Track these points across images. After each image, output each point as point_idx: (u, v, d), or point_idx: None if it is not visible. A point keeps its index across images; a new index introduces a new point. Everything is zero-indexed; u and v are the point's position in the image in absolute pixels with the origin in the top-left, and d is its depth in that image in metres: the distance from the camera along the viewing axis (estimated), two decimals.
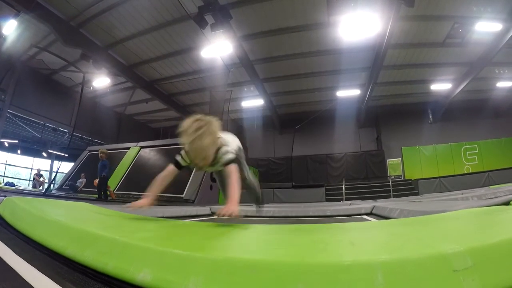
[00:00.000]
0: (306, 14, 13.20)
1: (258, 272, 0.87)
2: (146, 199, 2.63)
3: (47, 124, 19.41)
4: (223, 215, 2.24)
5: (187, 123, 2.36)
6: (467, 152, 21.13)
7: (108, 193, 11.16)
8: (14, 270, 1.25)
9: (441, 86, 19.26)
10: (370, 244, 1.28)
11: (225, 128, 11.86)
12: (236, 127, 22.93)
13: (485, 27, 13.39)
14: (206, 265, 0.95)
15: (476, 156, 20.91)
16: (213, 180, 12.26)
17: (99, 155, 10.76)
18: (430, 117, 22.46)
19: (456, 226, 1.63)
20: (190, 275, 0.93)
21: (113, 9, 12.77)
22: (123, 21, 13.50)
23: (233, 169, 2.58)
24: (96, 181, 10.67)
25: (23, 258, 1.39)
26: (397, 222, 2.22)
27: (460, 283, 0.78)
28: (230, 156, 2.62)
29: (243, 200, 2.55)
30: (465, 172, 19.78)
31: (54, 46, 14.45)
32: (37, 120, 18.65)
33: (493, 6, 12.39)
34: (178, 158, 2.75)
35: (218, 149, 2.55)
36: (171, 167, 2.78)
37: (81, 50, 14.35)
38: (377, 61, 15.66)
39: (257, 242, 1.49)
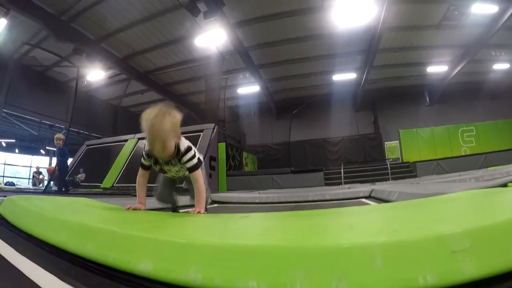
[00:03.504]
0: None
1: (257, 257, 0.88)
2: (140, 204, 2.66)
3: (43, 121, 19.32)
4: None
5: (148, 111, 2.39)
6: (465, 134, 21.23)
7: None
8: (17, 269, 1.26)
9: (437, 68, 19.26)
10: (368, 227, 1.29)
11: (222, 116, 11.79)
12: (233, 114, 22.89)
13: (481, 9, 13.33)
14: (205, 252, 0.95)
15: (473, 138, 21.02)
16: (212, 168, 12.29)
17: (55, 142, 9.97)
18: (427, 99, 22.50)
19: (454, 208, 1.63)
20: (190, 263, 0.94)
21: (104, 1, 12.64)
22: (114, 13, 13.38)
23: (199, 176, 2.56)
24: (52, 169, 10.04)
25: (25, 256, 1.40)
26: (396, 205, 2.23)
27: (458, 264, 0.78)
28: (195, 161, 2.55)
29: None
30: (463, 154, 19.86)
31: (47, 42, 14.32)
32: (33, 118, 18.55)
33: None
34: (142, 159, 2.73)
35: (179, 149, 2.48)
36: (141, 171, 2.80)
37: (74, 44, 14.22)
38: (373, 44, 15.60)
39: (256, 228, 1.50)
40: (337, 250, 0.83)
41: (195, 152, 2.60)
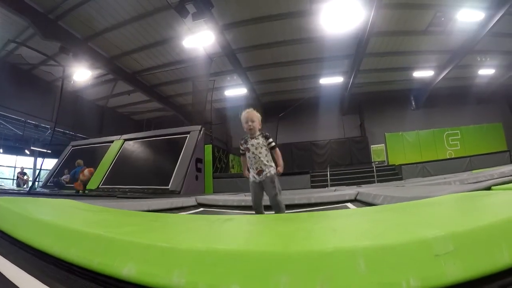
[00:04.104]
0: (288, 2, 13.14)
1: (241, 262, 0.88)
2: (247, 173, 4.17)
3: (28, 121, 19.05)
4: (279, 172, 3.96)
5: (246, 110, 4.13)
6: (450, 138, 21.51)
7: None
8: (0, 273, 1.24)
9: (423, 73, 19.46)
10: (352, 231, 1.29)
11: (209, 118, 11.79)
12: (220, 116, 22.83)
13: (468, 16, 13.53)
14: (189, 257, 0.95)
15: (458, 142, 21.30)
16: (198, 170, 12.25)
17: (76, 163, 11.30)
18: (413, 103, 22.73)
19: (438, 212, 1.65)
20: (174, 268, 0.94)
21: (92, 0, 12.54)
22: (102, 12, 13.25)
23: (278, 150, 4.04)
24: None
25: (8, 260, 1.38)
26: (380, 208, 2.24)
27: (442, 268, 0.79)
28: (274, 143, 4.04)
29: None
30: (448, 157, 20.10)
31: (33, 40, 14.13)
32: (17, 117, 18.26)
33: None
34: (240, 149, 4.11)
35: (263, 133, 4.04)
36: (242, 158, 4.20)
37: (61, 43, 14.04)
38: (360, 49, 15.72)
39: (240, 232, 1.50)
40: (320, 254, 0.84)
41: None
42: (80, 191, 10.92)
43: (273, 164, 3.99)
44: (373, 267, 0.79)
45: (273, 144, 4.02)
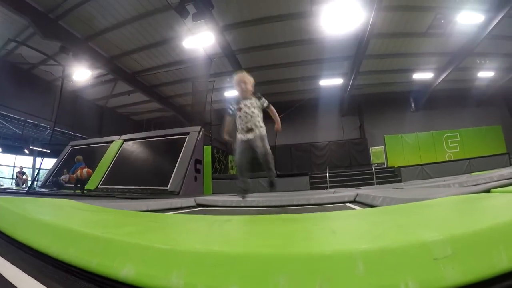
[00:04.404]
0: (288, 3, 13.16)
1: (240, 264, 0.88)
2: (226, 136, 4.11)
3: (27, 120, 19.05)
4: (278, 130, 4.10)
5: (239, 73, 4.16)
6: (449, 140, 21.54)
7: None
8: None
9: (423, 75, 19.49)
10: (351, 233, 1.29)
11: (208, 119, 11.83)
12: (219, 117, 22.82)
13: (467, 18, 13.56)
14: (188, 258, 0.95)
15: (457, 144, 21.33)
16: (197, 171, 12.25)
17: (75, 159, 11.70)
18: (412, 105, 22.75)
19: (437, 214, 1.64)
20: (172, 269, 0.93)
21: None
22: (103, 12, 13.27)
23: (273, 108, 4.20)
24: None
25: (6, 260, 1.38)
26: (379, 210, 2.24)
27: (440, 271, 0.79)
28: (268, 103, 4.14)
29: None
30: (447, 159, 20.13)
31: (33, 40, 14.15)
32: (17, 116, 18.26)
33: None
34: (229, 109, 4.11)
35: (256, 94, 4.09)
36: (227, 118, 4.13)
37: (61, 43, 14.05)
38: (360, 50, 15.73)
39: (240, 233, 1.50)
40: (319, 256, 0.84)
41: None
42: (78, 191, 10.94)
43: (264, 126, 4.08)
44: (372, 270, 0.79)
45: (267, 103, 4.18)
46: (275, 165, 3.93)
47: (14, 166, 23.37)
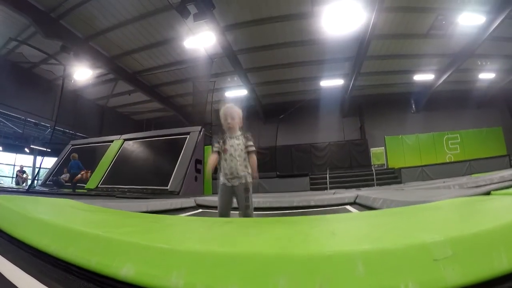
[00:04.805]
0: (290, 4, 13.14)
1: (240, 264, 0.88)
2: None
3: (28, 119, 19.06)
4: (256, 178, 3.48)
5: (225, 104, 3.66)
6: (449, 142, 21.48)
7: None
8: None
9: (424, 76, 19.46)
10: (351, 235, 1.29)
11: (209, 119, 11.77)
12: (220, 117, 22.82)
13: (469, 20, 13.54)
14: (188, 258, 0.95)
15: (458, 146, 21.28)
16: (197, 171, 12.24)
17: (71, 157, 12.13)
18: (413, 107, 22.72)
19: (437, 216, 1.64)
20: (172, 269, 0.93)
21: None
22: (104, 12, 13.26)
23: (255, 157, 3.52)
24: None
25: (6, 258, 1.38)
26: (379, 212, 2.24)
27: (441, 272, 0.79)
28: (254, 148, 3.56)
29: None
30: (447, 161, 20.12)
31: (34, 39, 14.14)
32: (17, 115, 18.27)
33: None
34: (213, 146, 3.59)
35: (244, 134, 3.57)
36: (212, 155, 3.55)
37: (62, 42, 14.05)
38: (361, 51, 15.71)
39: (239, 234, 1.50)
40: (319, 257, 0.84)
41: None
42: (78, 190, 10.98)
43: (250, 171, 3.53)
44: (372, 271, 0.79)
45: (253, 148, 3.58)
46: (275, 166, 3.84)
47: (14, 165, 23.34)
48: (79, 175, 11.45)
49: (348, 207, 5.03)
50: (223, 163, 3.51)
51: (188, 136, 12.55)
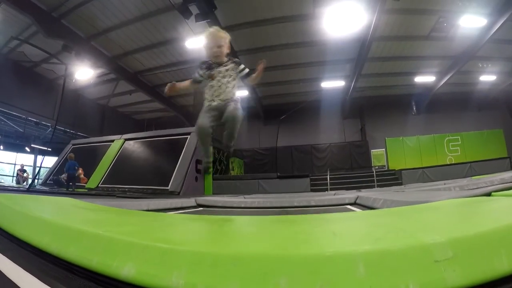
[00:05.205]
0: (291, 5, 13.17)
1: (240, 265, 0.88)
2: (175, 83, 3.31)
3: (29, 118, 19.08)
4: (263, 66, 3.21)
5: (210, 29, 3.27)
6: (450, 144, 21.49)
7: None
8: None
9: (425, 78, 19.51)
10: (352, 235, 1.29)
11: None
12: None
13: (470, 22, 13.56)
14: (189, 258, 0.95)
15: (458, 148, 21.28)
16: (198, 171, 12.24)
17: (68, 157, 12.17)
18: (414, 108, 22.76)
19: (438, 217, 1.64)
20: (173, 269, 0.93)
21: None
22: (106, 12, 13.29)
23: (255, 74, 3.34)
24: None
25: (6, 257, 1.38)
26: (380, 212, 2.24)
27: (441, 274, 0.78)
28: (248, 69, 3.37)
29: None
30: (448, 163, 20.12)
31: (36, 38, 14.18)
32: (18, 114, 18.30)
33: (477, 1, 12.54)
34: (196, 72, 3.30)
35: (233, 59, 3.33)
36: (190, 83, 3.33)
37: (63, 41, 14.09)
38: (362, 53, 15.74)
39: (240, 234, 1.49)
40: (320, 258, 0.83)
41: None
42: (78, 189, 10.99)
43: (238, 98, 3.30)
44: (372, 272, 0.79)
45: (247, 70, 3.38)
46: (276, 167, 3.79)
47: (15, 164, 23.35)
48: (77, 175, 11.53)
49: (348, 207, 5.03)
50: (208, 90, 3.23)
51: (189, 136, 12.56)
